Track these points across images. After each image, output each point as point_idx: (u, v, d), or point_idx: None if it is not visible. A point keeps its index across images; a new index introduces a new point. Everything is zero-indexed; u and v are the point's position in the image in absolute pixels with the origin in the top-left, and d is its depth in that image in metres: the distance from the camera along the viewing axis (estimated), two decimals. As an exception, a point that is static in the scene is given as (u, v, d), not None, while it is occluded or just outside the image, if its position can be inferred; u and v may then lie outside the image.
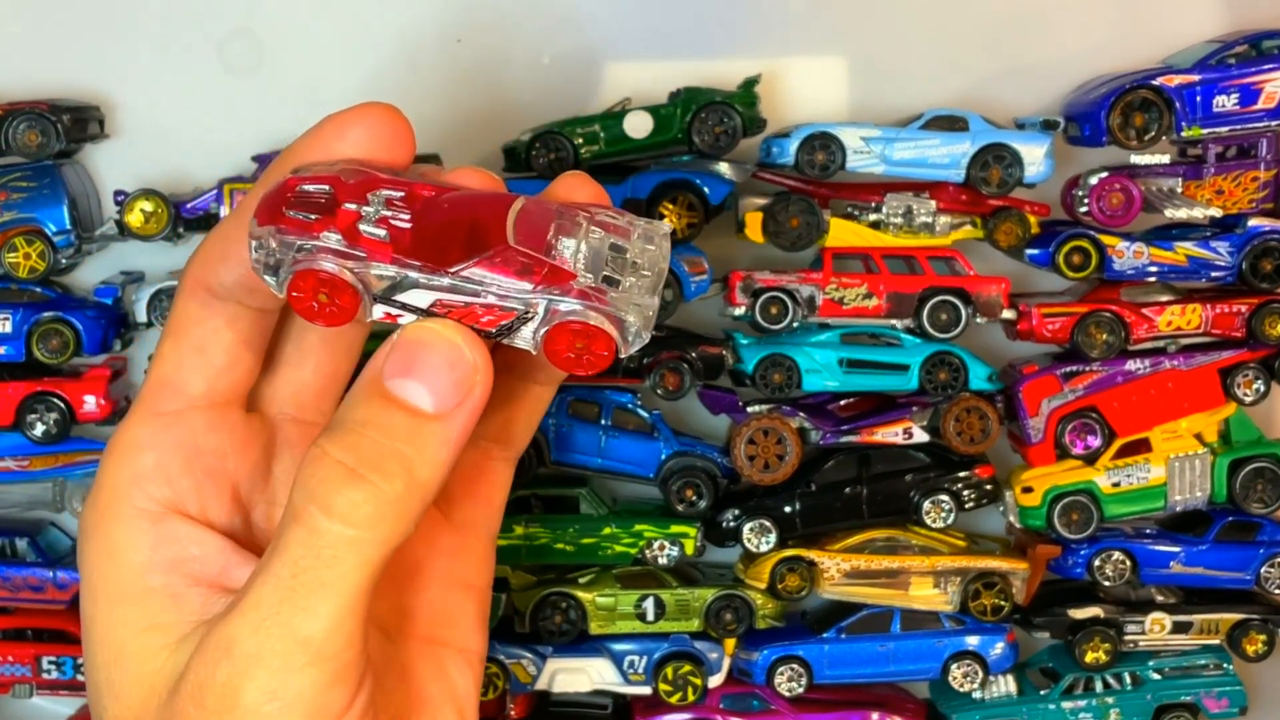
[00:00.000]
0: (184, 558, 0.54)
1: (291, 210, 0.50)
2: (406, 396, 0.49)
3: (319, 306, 0.51)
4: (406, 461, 0.49)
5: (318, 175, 0.51)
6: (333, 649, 0.48)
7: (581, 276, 0.50)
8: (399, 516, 0.49)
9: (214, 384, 0.55)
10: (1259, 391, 1.27)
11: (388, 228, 0.50)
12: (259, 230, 0.50)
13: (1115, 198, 1.23)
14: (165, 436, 0.55)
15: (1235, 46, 1.23)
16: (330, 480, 0.49)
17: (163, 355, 0.56)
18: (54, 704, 1.32)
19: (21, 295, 1.23)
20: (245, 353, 0.56)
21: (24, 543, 1.26)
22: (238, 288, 0.54)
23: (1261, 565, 1.29)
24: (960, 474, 1.28)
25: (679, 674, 1.28)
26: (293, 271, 0.50)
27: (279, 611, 0.48)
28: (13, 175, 1.22)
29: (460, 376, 0.50)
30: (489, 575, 0.62)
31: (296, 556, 0.48)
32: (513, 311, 0.50)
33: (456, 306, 0.50)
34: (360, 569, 0.49)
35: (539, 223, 0.51)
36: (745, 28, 1.29)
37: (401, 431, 0.49)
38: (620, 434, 1.27)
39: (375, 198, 0.50)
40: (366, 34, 1.27)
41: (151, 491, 0.54)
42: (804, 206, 1.24)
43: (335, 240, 0.50)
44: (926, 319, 1.25)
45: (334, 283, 0.50)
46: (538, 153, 1.21)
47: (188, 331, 0.55)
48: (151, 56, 1.26)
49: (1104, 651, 1.30)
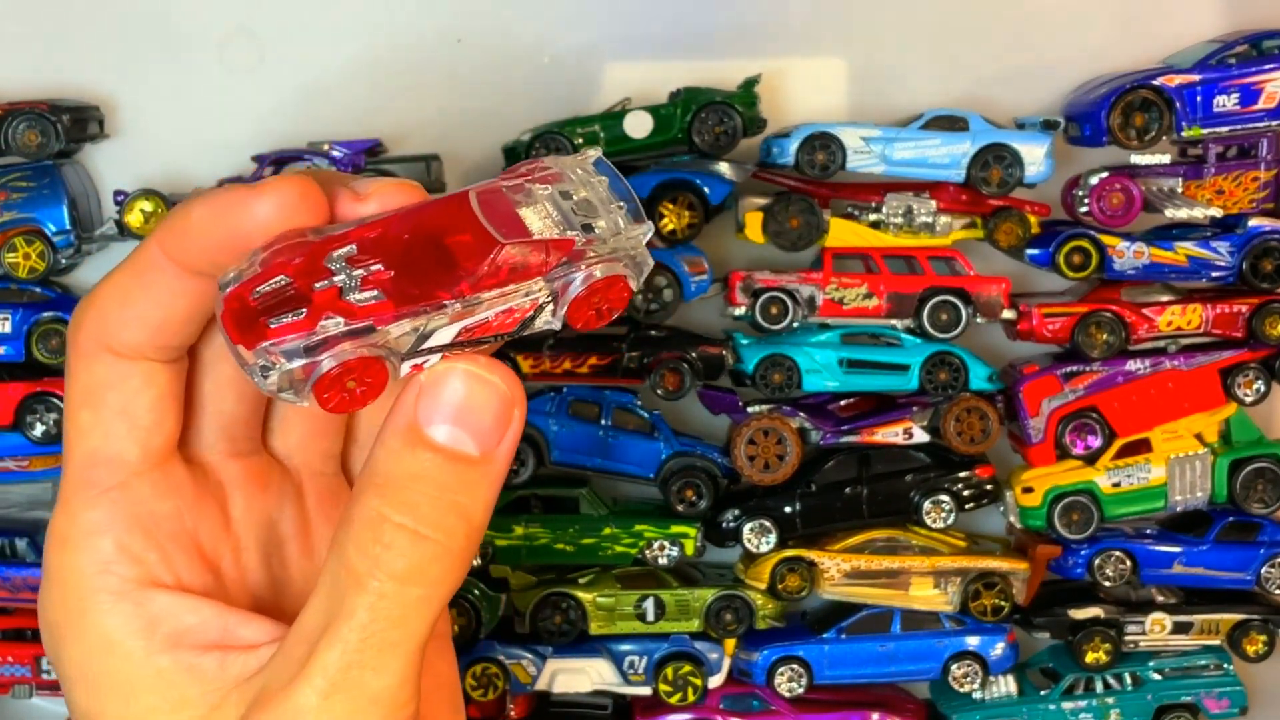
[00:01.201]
0: (182, 630, 0.51)
1: (272, 319, 0.46)
2: (453, 444, 0.48)
3: (349, 395, 0.48)
4: (465, 511, 0.48)
5: (256, 274, 0.47)
6: (402, 700, 0.48)
7: (574, 236, 0.48)
8: (463, 566, 0.49)
9: (148, 445, 0.52)
10: (1259, 391, 1.27)
11: (374, 285, 0.46)
12: (252, 357, 0.46)
13: (1116, 198, 1.23)
14: (117, 513, 0.51)
15: (1235, 46, 1.23)
16: (395, 544, 0.48)
17: (82, 429, 0.52)
18: (54, 704, 1.32)
19: (21, 295, 1.23)
20: (170, 405, 0.52)
21: (24, 543, 1.26)
22: (147, 346, 0.51)
23: (1262, 565, 1.29)
24: (960, 474, 1.28)
25: (679, 674, 1.27)
26: (317, 378, 0.47)
27: (348, 675, 0.47)
28: (13, 175, 1.21)
29: (499, 412, 0.48)
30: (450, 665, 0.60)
31: (364, 622, 0.47)
32: (535, 302, 0.48)
33: (477, 325, 0.48)
34: (428, 622, 0.48)
35: (503, 207, 0.48)
36: (745, 28, 1.29)
37: (454, 482, 0.48)
38: (620, 434, 1.27)
39: (334, 263, 0.46)
40: (366, 34, 1.27)
41: (122, 574, 0.51)
42: (804, 206, 1.24)
43: (337, 324, 0.46)
44: (927, 319, 1.25)
45: (364, 365, 0.47)
46: (538, 153, 1.21)
47: (103, 397, 0.51)
48: (151, 56, 1.26)
49: (1104, 652, 1.29)
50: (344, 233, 0.48)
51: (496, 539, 1.26)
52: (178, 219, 0.49)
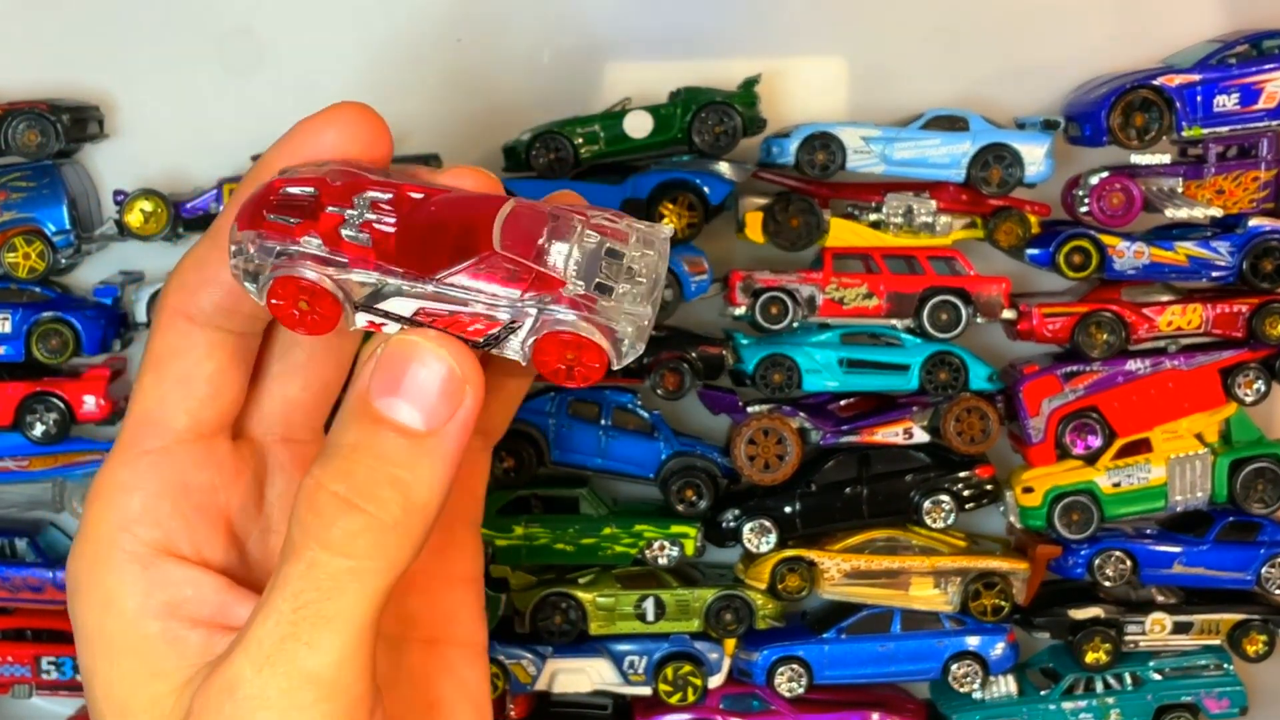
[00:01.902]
0: (179, 600, 0.52)
1: (273, 214, 0.48)
2: (396, 416, 0.47)
3: (300, 314, 0.49)
4: (402, 485, 0.47)
5: (303, 177, 0.50)
6: (343, 683, 0.47)
7: (572, 284, 0.47)
8: (400, 543, 0.48)
9: (198, 416, 0.53)
10: (1259, 391, 1.27)
11: (371, 232, 0.48)
12: (239, 235, 0.48)
13: (1116, 198, 1.23)
14: (151, 476, 0.53)
15: (1236, 46, 1.23)
16: (325, 512, 0.47)
17: (143, 389, 0.54)
18: (53, 704, 1.31)
19: (21, 295, 1.23)
20: (230, 380, 0.54)
21: (24, 543, 1.26)
22: (217, 313, 0.52)
23: (1262, 565, 1.29)
24: (960, 474, 1.28)
25: (679, 674, 1.27)
26: (271, 278, 0.48)
27: (282, 649, 0.46)
28: (12, 175, 1.21)
29: (450, 391, 0.47)
30: (479, 565, 0.61)
31: (297, 590, 0.47)
32: (499, 321, 0.48)
33: (441, 315, 0.48)
34: (364, 600, 0.47)
35: (530, 226, 0.48)
36: (745, 28, 1.29)
37: (394, 454, 0.47)
38: (620, 434, 1.27)
39: (361, 200, 0.48)
40: (366, 34, 1.27)
41: (140, 535, 0.52)
42: (804, 206, 1.24)
43: (316, 245, 0.48)
44: (927, 319, 1.25)
45: (314, 290, 0.48)
46: (538, 153, 1.21)
47: (168, 363, 0.53)
48: (151, 56, 1.26)
49: (1104, 652, 1.29)
50: (398, 183, 0.49)
51: (496, 539, 1.26)
52: (258, 166, 0.52)
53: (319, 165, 0.51)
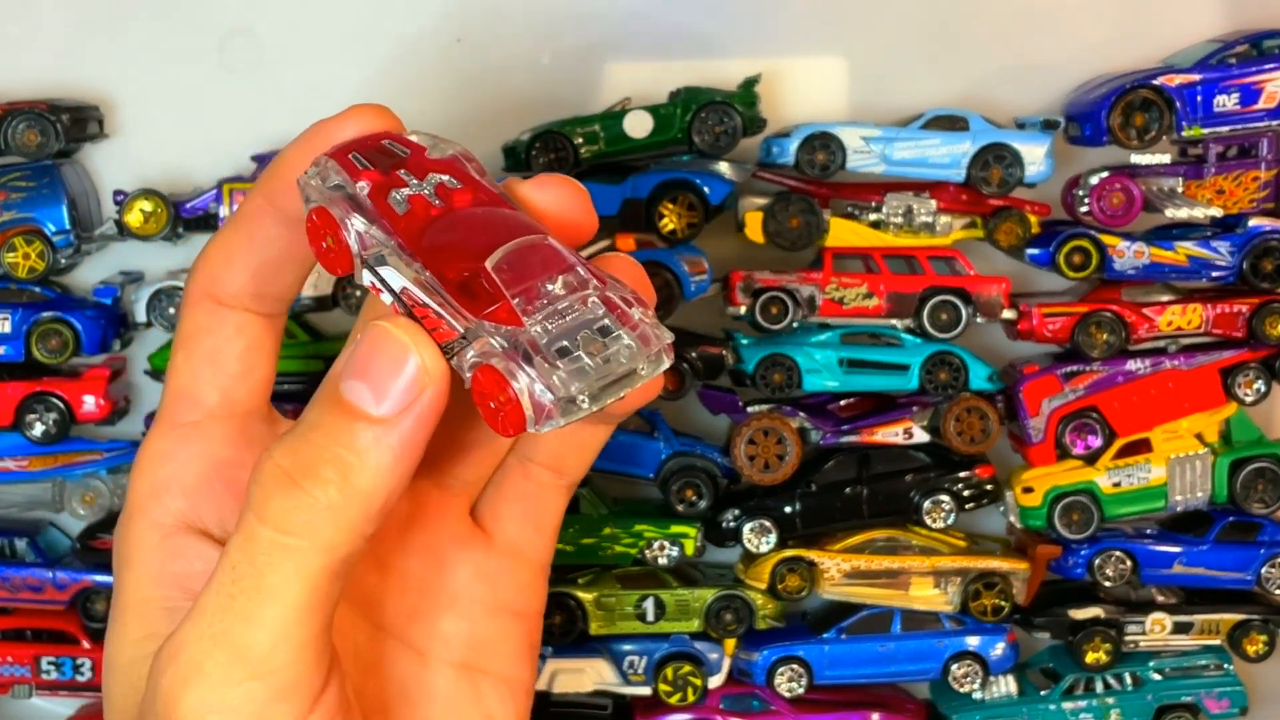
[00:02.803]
0: (188, 573, 0.52)
1: (355, 153, 0.49)
2: (351, 397, 0.47)
3: (324, 250, 0.50)
4: (344, 467, 0.46)
5: (411, 140, 0.51)
6: (275, 663, 0.46)
7: (534, 329, 0.45)
8: (337, 527, 0.47)
9: (230, 394, 0.54)
10: (1259, 391, 1.27)
11: (413, 204, 0.48)
12: (324, 160, 0.50)
13: (1116, 197, 1.23)
14: (184, 449, 0.54)
15: (1236, 46, 1.23)
16: (266, 485, 0.47)
17: (176, 367, 0.55)
18: (53, 704, 1.31)
19: (21, 295, 1.23)
20: (260, 359, 0.54)
21: (23, 543, 1.26)
22: (244, 294, 0.53)
23: (1262, 565, 1.29)
24: (960, 474, 1.28)
25: (679, 674, 1.27)
26: (314, 204, 0.49)
27: (222, 619, 0.46)
28: (12, 175, 1.21)
29: (410, 381, 0.46)
30: (538, 603, 0.59)
31: (234, 562, 0.47)
32: (454, 332, 0.46)
33: (419, 304, 0.47)
34: (299, 579, 0.46)
35: (541, 265, 0.47)
36: (745, 28, 1.29)
37: (343, 435, 0.47)
38: (620, 434, 1.27)
39: (431, 180, 0.49)
40: (366, 34, 1.27)
41: (168, 504, 0.53)
42: (804, 206, 1.24)
43: (362, 190, 0.48)
44: (927, 319, 1.25)
45: (334, 230, 0.49)
46: (538, 153, 1.21)
47: (198, 342, 0.54)
48: (151, 56, 1.26)
49: (1104, 652, 1.29)
50: (486, 188, 0.50)
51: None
52: (274, 163, 0.52)
53: (439, 142, 0.52)
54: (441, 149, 0.52)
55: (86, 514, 1.27)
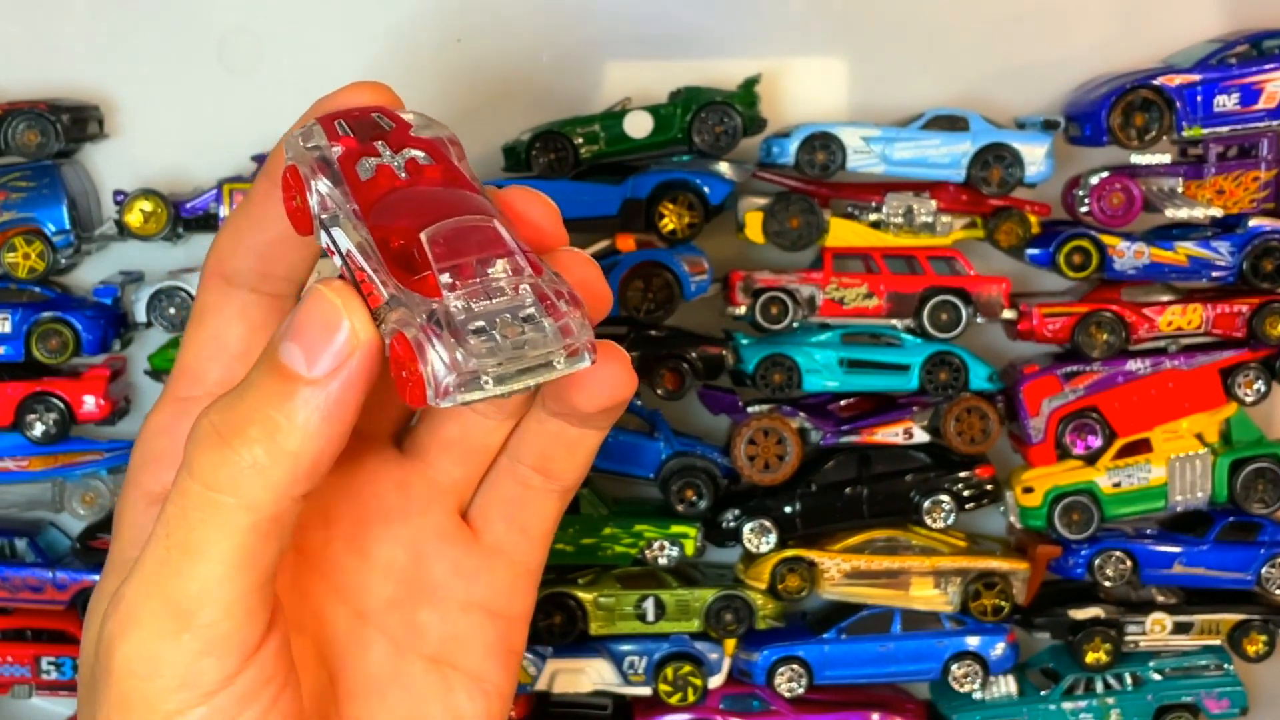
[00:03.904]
0: None
1: (342, 120, 0.52)
2: (286, 359, 0.47)
3: (293, 208, 0.51)
4: (271, 426, 0.47)
5: (401, 117, 0.53)
6: (206, 618, 0.47)
7: (452, 304, 0.45)
8: (263, 486, 0.47)
9: (230, 372, 0.55)
10: (1260, 391, 1.27)
11: (378, 173, 0.49)
12: (314, 125, 0.52)
13: (1116, 197, 1.23)
14: (181, 422, 0.54)
15: (1236, 46, 1.23)
16: (199, 441, 0.48)
17: (185, 343, 0.57)
18: (53, 704, 1.31)
19: (21, 295, 1.23)
20: (260, 341, 0.54)
21: (23, 543, 1.26)
22: (251, 275, 0.55)
23: (1262, 565, 1.29)
24: (961, 474, 1.28)
25: (679, 674, 1.27)
26: (290, 161, 0.51)
27: (157, 572, 0.48)
28: (12, 175, 1.21)
29: (339, 343, 0.47)
30: (520, 606, 0.59)
31: (168, 516, 0.48)
32: (380, 298, 0.47)
33: (359, 268, 0.48)
34: (227, 536, 0.47)
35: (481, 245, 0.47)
36: (745, 28, 1.29)
37: (273, 395, 0.47)
38: (620, 434, 1.27)
39: (404, 154, 0.50)
40: (366, 34, 1.27)
41: (159, 475, 0.55)
42: (804, 206, 1.24)
43: (335, 153, 0.50)
44: (927, 319, 1.25)
45: (301, 190, 0.50)
46: (538, 153, 1.21)
47: (206, 320, 0.56)
48: (151, 56, 1.26)
49: (1105, 652, 1.29)
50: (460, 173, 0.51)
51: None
52: (278, 144, 0.55)
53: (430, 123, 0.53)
54: (431, 130, 0.53)
55: (86, 514, 1.27)
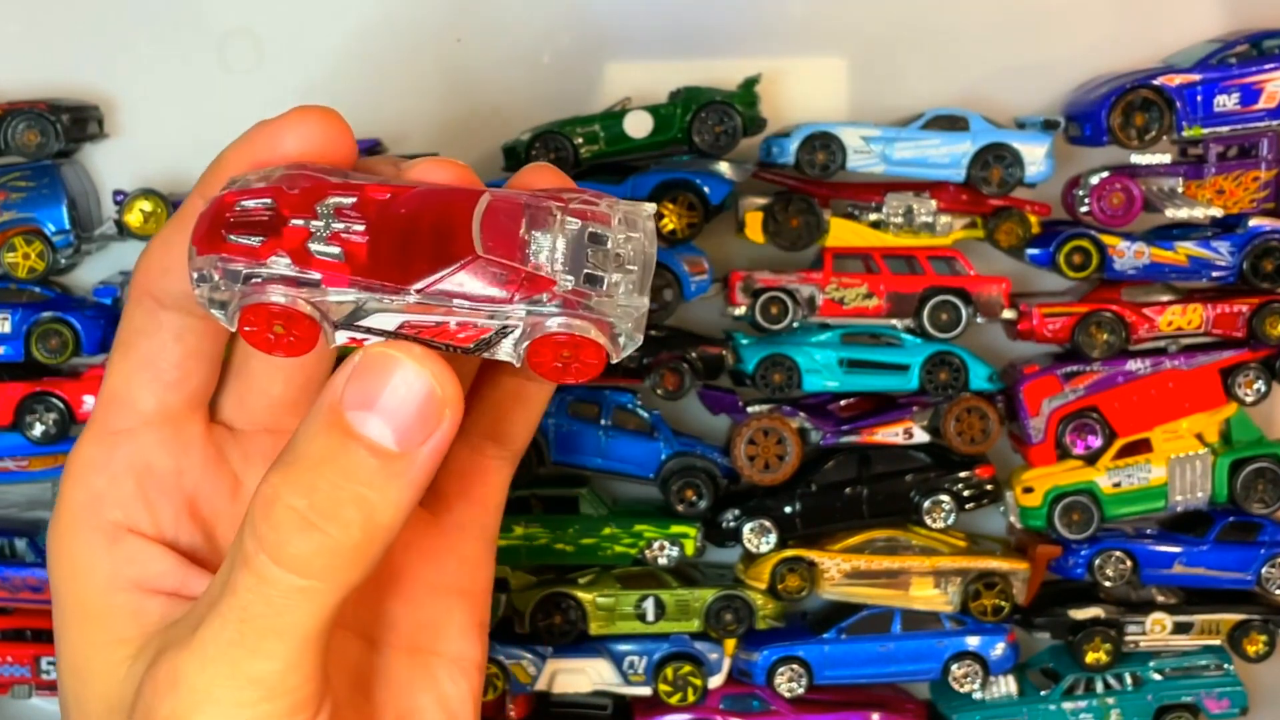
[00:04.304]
0: (145, 575, 0.52)
1: (233, 235, 0.45)
2: (368, 432, 0.45)
3: (275, 338, 0.46)
4: (367, 506, 0.45)
5: (257, 189, 0.46)
6: (287, 686, 0.47)
7: (562, 280, 0.44)
8: (356, 564, 0.46)
9: (165, 399, 0.52)
10: (1260, 391, 1.27)
11: (341, 244, 0.44)
12: (200, 261, 0.45)
13: (1116, 197, 1.23)
14: (117, 456, 0.52)
15: (1236, 46, 1.23)
16: (282, 527, 0.45)
17: (113, 369, 0.53)
18: (53, 704, 1.31)
19: (20, 295, 1.23)
20: (197, 365, 0.53)
21: (23, 543, 1.26)
22: (184, 298, 0.50)
23: (1262, 566, 1.29)
24: (961, 474, 1.28)
25: (679, 674, 1.27)
26: (241, 306, 0.45)
27: (228, 653, 0.46)
28: (12, 175, 1.21)
29: (427, 411, 0.45)
30: (485, 579, 0.58)
31: (245, 603, 0.46)
32: (489, 327, 0.45)
33: (427, 327, 0.45)
34: (314, 616, 0.46)
35: (508, 221, 0.45)
36: (745, 28, 1.29)
37: (362, 473, 0.45)
38: (620, 434, 1.27)
39: (324, 209, 0.45)
40: (366, 34, 1.26)
41: (106, 512, 0.52)
42: (804, 206, 1.24)
43: (285, 265, 0.44)
44: (927, 319, 1.25)
45: (288, 314, 0.45)
46: (538, 153, 1.21)
47: (136, 344, 0.52)
48: (151, 56, 1.26)
49: (1105, 652, 1.29)
50: (360, 184, 0.46)
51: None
52: (214, 164, 0.52)
53: (269, 173, 0.47)
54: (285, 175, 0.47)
55: (86, 514, 1.27)
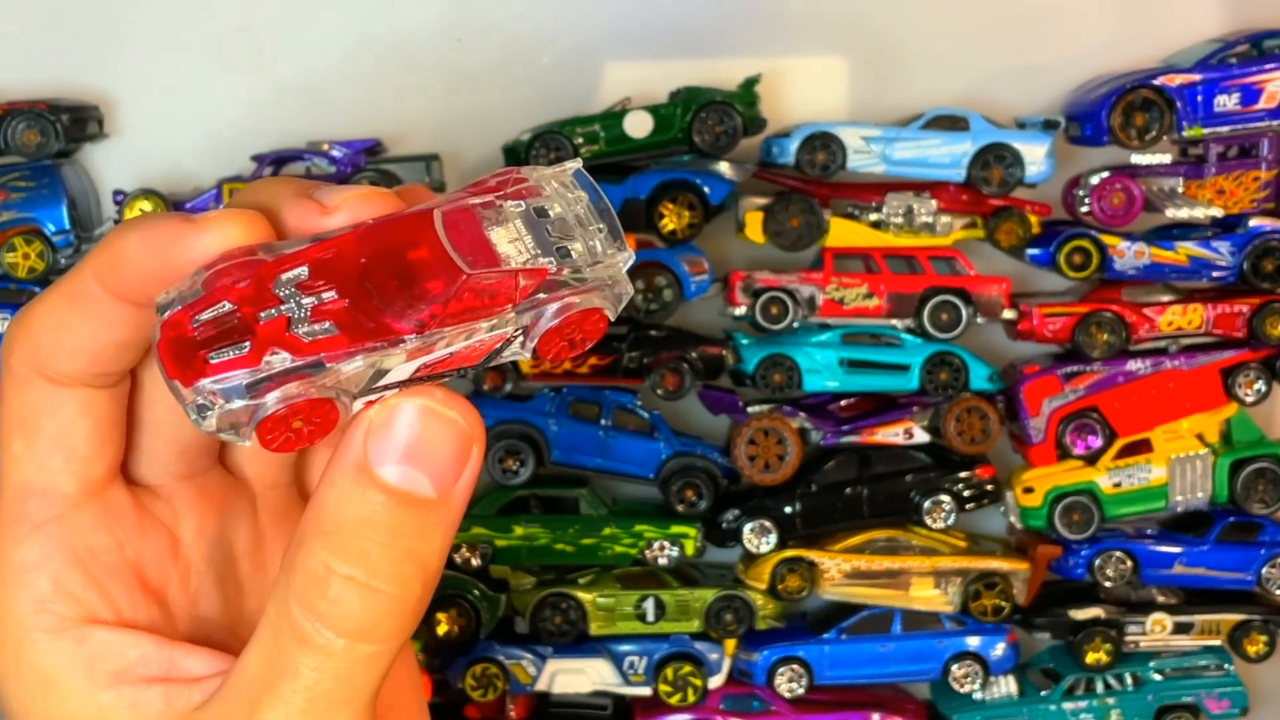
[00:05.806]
0: (125, 665, 0.49)
1: (213, 353, 0.42)
2: (408, 486, 0.44)
3: (296, 435, 0.43)
4: (420, 559, 0.44)
5: (198, 299, 0.43)
6: None
7: (545, 264, 0.43)
8: (418, 615, 0.45)
9: (86, 476, 0.49)
10: (1260, 392, 1.27)
11: (326, 316, 0.42)
12: (191, 394, 0.42)
13: (1116, 197, 1.23)
14: (52, 549, 0.49)
15: (1236, 46, 1.23)
16: (343, 600, 0.44)
17: (16, 459, 0.49)
18: None
19: (20, 295, 1.23)
20: (110, 433, 0.49)
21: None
22: (83, 374, 0.47)
23: (1263, 566, 1.29)
24: (961, 474, 1.28)
25: (679, 675, 1.27)
26: (259, 419, 0.42)
27: None
28: (12, 175, 1.21)
29: (457, 449, 0.44)
30: None
31: (311, 682, 0.45)
32: (501, 336, 0.44)
33: (440, 361, 0.44)
34: (379, 677, 0.45)
35: (470, 230, 0.43)
36: (745, 28, 1.29)
37: (409, 528, 0.44)
38: (620, 434, 1.27)
39: (284, 290, 0.42)
40: (366, 34, 1.26)
41: (59, 612, 0.49)
42: (804, 206, 1.24)
43: (284, 360, 0.42)
44: (927, 319, 1.25)
45: (309, 406, 0.43)
46: (537, 153, 1.21)
47: (38, 426, 0.48)
48: (151, 56, 1.26)
49: (1105, 652, 1.29)
50: (296, 252, 0.43)
51: (496, 539, 1.26)
52: (112, 248, 0.46)
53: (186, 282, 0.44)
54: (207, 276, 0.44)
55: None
